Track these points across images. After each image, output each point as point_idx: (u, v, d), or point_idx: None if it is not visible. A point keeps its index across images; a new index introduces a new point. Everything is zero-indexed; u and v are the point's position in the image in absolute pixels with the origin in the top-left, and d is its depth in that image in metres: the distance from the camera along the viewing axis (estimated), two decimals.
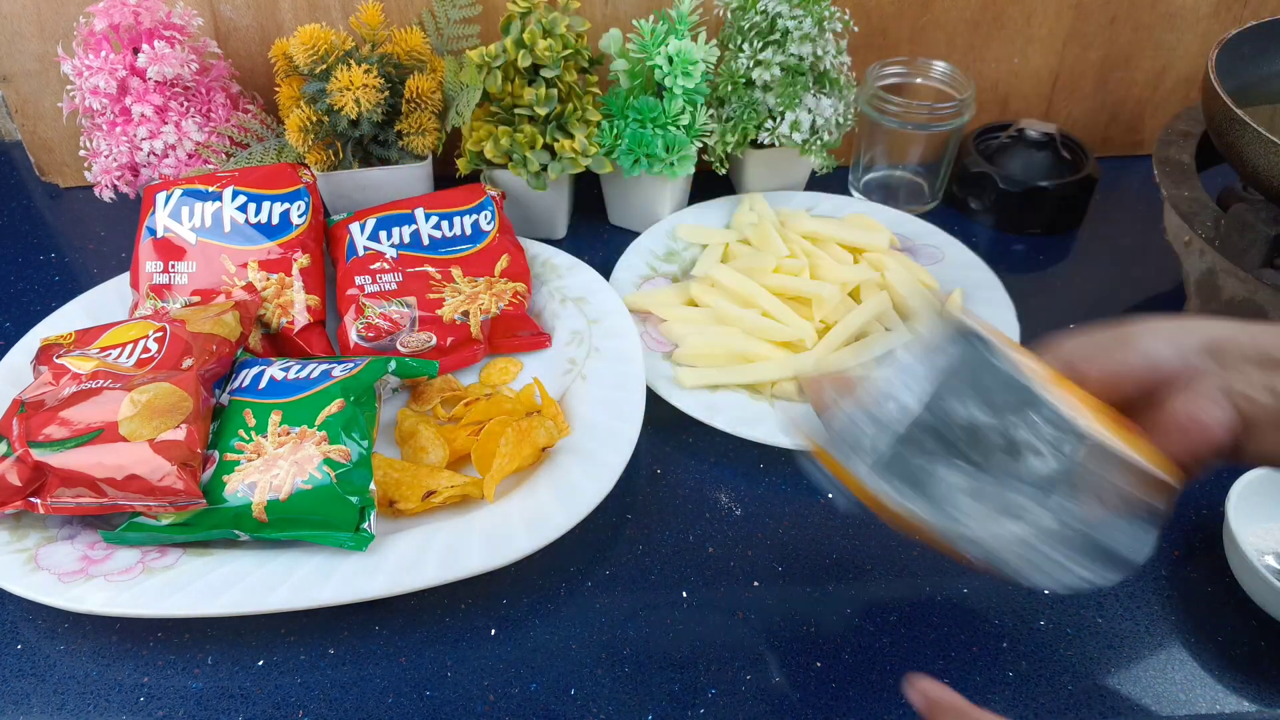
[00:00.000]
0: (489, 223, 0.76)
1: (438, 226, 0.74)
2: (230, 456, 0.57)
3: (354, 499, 0.56)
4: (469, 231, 0.75)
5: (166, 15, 0.77)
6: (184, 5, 0.80)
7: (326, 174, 0.78)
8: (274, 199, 0.72)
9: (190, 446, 0.55)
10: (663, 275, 0.79)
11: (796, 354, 0.69)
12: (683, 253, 0.81)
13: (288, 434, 0.58)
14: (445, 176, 0.84)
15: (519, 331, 0.72)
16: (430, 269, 0.72)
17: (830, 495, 0.64)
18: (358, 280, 0.71)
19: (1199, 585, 0.58)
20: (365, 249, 0.73)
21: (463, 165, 0.80)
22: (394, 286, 0.71)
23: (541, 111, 0.75)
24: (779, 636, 0.56)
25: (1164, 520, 0.37)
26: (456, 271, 0.73)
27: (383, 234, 0.73)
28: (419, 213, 0.75)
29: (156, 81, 0.77)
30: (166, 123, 0.78)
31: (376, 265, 0.72)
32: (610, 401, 0.65)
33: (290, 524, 0.56)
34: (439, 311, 0.70)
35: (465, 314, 0.70)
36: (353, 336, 0.69)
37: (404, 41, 0.78)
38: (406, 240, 0.73)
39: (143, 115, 0.78)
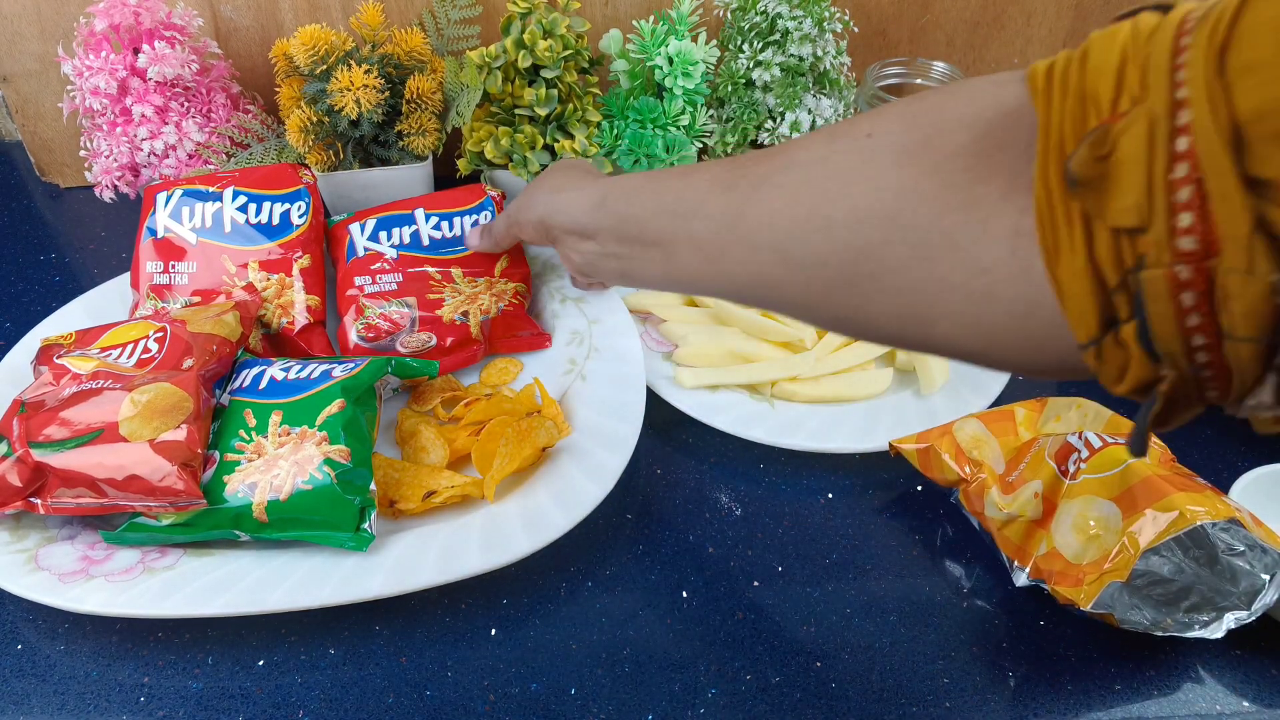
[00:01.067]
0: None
1: (438, 227, 0.74)
2: (231, 457, 0.57)
3: (354, 499, 0.56)
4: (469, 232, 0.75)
5: (167, 15, 0.78)
6: (184, 5, 0.80)
7: (327, 174, 0.79)
8: (274, 199, 0.72)
9: (191, 447, 0.55)
10: None
11: (796, 354, 0.69)
12: None
13: (288, 434, 0.58)
14: (446, 177, 0.84)
15: (519, 331, 0.72)
16: (430, 269, 0.72)
17: (830, 495, 0.64)
18: (358, 280, 0.71)
19: None
20: (365, 249, 0.73)
21: (463, 165, 0.80)
22: (394, 287, 0.71)
23: (542, 112, 0.76)
24: (779, 636, 0.56)
25: None
26: (457, 272, 0.73)
27: (383, 234, 0.73)
28: (419, 213, 0.75)
29: (157, 82, 0.77)
30: (167, 123, 0.79)
31: (377, 265, 0.72)
32: (610, 401, 0.65)
33: (290, 524, 0.56)
34: (439, 312, 0.70)
35: (465, 314, 0.70)
36: (353, 337, 0.69)
37: (404, 42, 0.78)
38: (407, 241, 0.73)
39: (143, 115, 0.78)
